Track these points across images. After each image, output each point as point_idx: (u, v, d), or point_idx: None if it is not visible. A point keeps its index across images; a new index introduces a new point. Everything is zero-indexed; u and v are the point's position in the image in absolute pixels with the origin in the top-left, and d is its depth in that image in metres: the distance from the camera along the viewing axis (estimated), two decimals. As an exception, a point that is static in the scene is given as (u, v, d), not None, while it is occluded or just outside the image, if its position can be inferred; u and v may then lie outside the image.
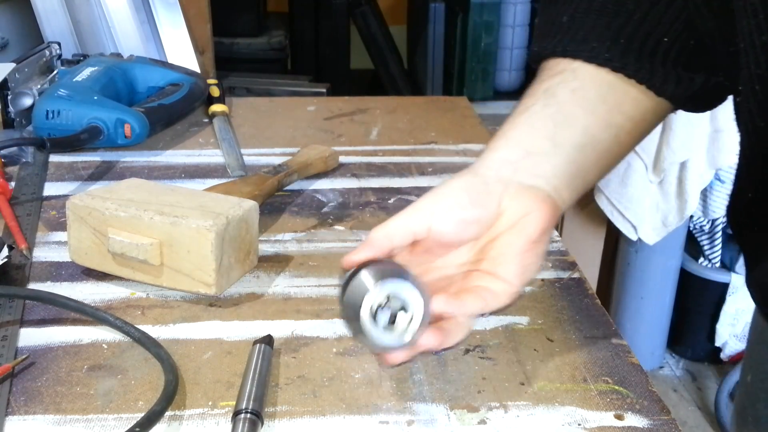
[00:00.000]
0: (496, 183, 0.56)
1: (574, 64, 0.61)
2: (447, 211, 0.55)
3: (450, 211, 0.55)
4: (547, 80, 0.61)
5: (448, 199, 0.55)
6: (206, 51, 1.44)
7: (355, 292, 0.50)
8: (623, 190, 1.72)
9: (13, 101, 1.03)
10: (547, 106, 0.59)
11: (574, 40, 0.61)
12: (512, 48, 2.67)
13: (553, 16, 0.64)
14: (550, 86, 0.60)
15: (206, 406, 0.57)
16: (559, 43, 0.62)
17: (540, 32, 0.65)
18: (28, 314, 0.67)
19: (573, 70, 0.61)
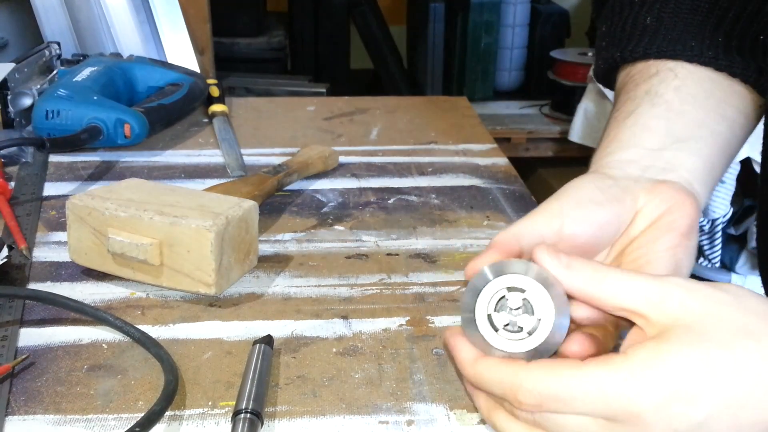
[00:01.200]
0: (626, 180, 0.51)
1: (669, 64, 0.58)
2: (580, 211, 0.48)
3: (584, 210, 0.49)
4: (643, 83, 0.58)
5: (580, 197, 0.49)
6: (206, 51, 1.44)
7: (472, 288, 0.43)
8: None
9: (12, 101, 1.03)
10: (655, 105, 0.56)
11: (668, 40, 0.58)
12: (512, 48, 2.67)
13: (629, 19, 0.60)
14: (650, 87, 0.57)
15: (206, 406, 0.57)
16: (651, 45, 0.58)
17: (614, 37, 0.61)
18: (28, 314, 0.67)
19: (670, 69, 0.58)
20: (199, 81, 1.13)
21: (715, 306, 0.39)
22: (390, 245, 0.79)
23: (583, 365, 0.39)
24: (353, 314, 0.68)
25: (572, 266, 0.42)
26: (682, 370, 0.38)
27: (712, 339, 0.38)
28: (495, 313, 0.42)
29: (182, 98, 1.08)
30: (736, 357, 0.38)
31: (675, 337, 0.38)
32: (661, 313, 0.39)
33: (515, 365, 0.41)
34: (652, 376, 0.38)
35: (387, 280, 0.73)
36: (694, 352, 0.38)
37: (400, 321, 0.67)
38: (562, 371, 0.39)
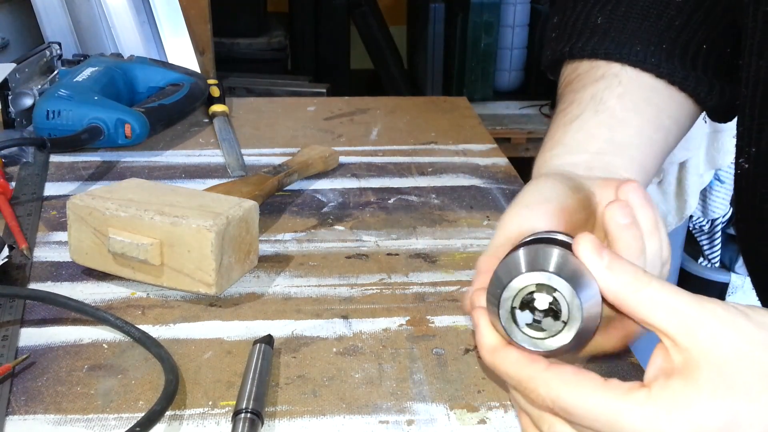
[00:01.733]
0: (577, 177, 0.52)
1: (614, 68, 0.59)
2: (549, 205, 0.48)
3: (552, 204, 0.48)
4: (589, 86, 0.59)
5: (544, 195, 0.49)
6: (206, 51, 1.44)
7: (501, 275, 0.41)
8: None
9: (13, 101, 1.03)
10: (598, 112, 0.57)
11: (616, 43, 0.59)
12: (512, 48, 2.67)
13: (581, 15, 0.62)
14: (596, 92, 0.58)
15: (206, 405, 0.57)
16: (599, 45, 0.60)
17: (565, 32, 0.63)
18: (29, 314, 0.67)
19: (615, 75, 0.59)
20: (200, 81, 1.13)
21: (749, 347, 0.37)
22: (390, 245, 0.79)
23: (603, 387, 0.38)
24: (353, 314, 0.68)
25: (613, 267, 0.40)
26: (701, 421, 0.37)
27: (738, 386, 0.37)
28: (519, 310, 0.40)
29: (183, 98, 1.08)
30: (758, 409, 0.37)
31: (702, 379, 0.37)
32: (692, 342, 0.38)
33: (534, 366, 0.40)
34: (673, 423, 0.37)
35: (387, 280, 0.73)
36: (717, 401, 0.37)
37: (401, 321, 0.67)
38: (581, 388, 0.38)
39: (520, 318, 0.40)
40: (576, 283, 0.39)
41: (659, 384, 0.38)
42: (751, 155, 0.57)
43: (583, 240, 0.40)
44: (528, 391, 0.40)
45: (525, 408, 0.43)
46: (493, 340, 0.42)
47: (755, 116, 0.56)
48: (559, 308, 0.40)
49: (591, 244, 0.40)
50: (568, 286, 0.39)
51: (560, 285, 0.39)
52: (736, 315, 0.38)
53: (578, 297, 0.39)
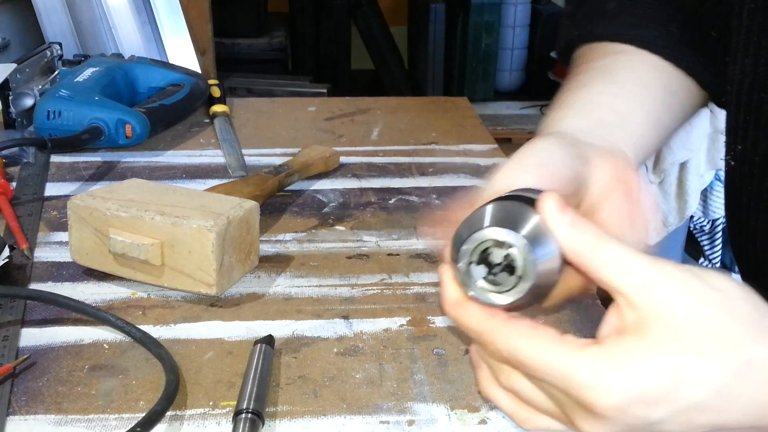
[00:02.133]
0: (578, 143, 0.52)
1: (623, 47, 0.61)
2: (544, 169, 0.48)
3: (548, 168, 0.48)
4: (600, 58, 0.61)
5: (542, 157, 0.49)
6: (207, 51, 1.44)
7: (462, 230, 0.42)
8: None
9: (14, 101, 1.03)
10: (607, 83, 0.58)
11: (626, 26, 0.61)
12: (513, 48, 2.67)
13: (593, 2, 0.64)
14: (607, 64, 0.60)
15: (207, 406, 0.57)
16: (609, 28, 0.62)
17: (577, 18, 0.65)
18: (30, 314, 0.67)
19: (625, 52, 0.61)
20: (201, 81, 1.13)
21: (700, 307, 0.38)
22: (391, 245, 0.79)
23: (557, 342, 0.39)
24: (354, 314, 0.68)
25: (576, 225, 0.40)
26: (651, 376, 0.38)
27: (688, 344, 0.38)
28: (475, 264, 0.41)
29: (183, 99, 1.08)
30: (706, 366, 0.38)
31: (653, 335, 0.38)
32: (646, 300, 0.39)
33: (493, 320, 0.41)
34: (620, 378, 0.38)
35: (388, 280, 0.73)
36: (667, 358, 0.38)
37: (401, 321, 0.67)
38: (537, 342, 0.40)
39: (475, 272, 0.41)
40: (533, 239, 0.40)
41: (611, 340, 0.39)
42: (737, 152, 0.58)
43: (548, 197, 0.41)
44: (487, 343, 0.41)
45: (485, 359, 0.44)
46: (455, 294, 0.43)
47: (741, 114, 0.56)
48: (514, 264, 0.40)
49: (555, 201, 0.41)
50: (523, 242, 0.40)
51: (516, 241, 0.40)
52: (690, 276, 0.39)
53: (533, 253, 0.39)
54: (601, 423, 0.39)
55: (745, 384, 0.38)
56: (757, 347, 0.38)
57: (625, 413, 0.38)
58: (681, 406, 0.38)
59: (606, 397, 0.38)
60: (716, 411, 0.39)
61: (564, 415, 0.41)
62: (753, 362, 0.38)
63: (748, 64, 0.54)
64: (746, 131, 0.56)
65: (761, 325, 0.39)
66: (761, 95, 0.54)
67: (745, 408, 0.39)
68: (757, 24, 0.53)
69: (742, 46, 0.55)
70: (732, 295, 0.39)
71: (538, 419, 0.43)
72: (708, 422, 0.39)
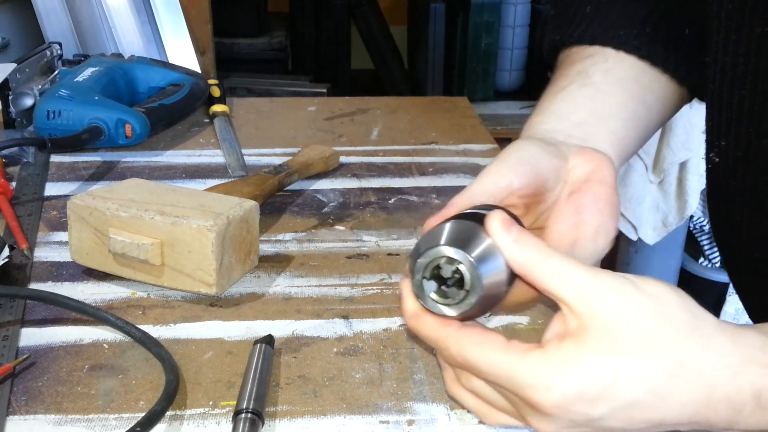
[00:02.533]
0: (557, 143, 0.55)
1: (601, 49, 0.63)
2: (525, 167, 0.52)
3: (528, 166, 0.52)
4: (578, 63, 0.62)
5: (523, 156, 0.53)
6: (207, 51, 1.44)
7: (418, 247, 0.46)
8: (623, 190, 1.72)
9: (14, 101, 1.03)
10: (584, 85, 0.60)
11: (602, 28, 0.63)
12: (512, 48, 2.67)
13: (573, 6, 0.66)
14: (584, 68, 0.62)
15: (207, 405, 0.57)
16: (586, 31, 0.64)
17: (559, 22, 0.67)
18: (29, 314, 0.67)
19: (603, 54, 0.62)
20: (200, 81, 1.13)
21: (635, 312, 0.41)
22: (391, 245, 0.79)
23: (504, 347, 0.43)
24: (354, 314, 0.68)
25: (519, 241, 0.44)
26: (588, 376, 0.41)
27: (623, 346, 0.41)
28: (425, 280, 0.45)
29: (183, 98, 1.08)
30: (640, 366, 0.41)
31: (591, 339, 0.41)
32: (586, 308, 0.42)
33: (447, 329, 0.45)
34: (560, 378, 0.41)
35: (388, 280, 0.73)
36: (603, 359, 0.41)
37: (401, 321, 0.67)
38: (486, 347, 0.43)
39: (426, 286, 0.45)
40: (481, 256, 0.43)
41: (552, 345, 0.42)
42: (720, 149, 0.59)
43: (494, 216, 0.45)
44: (442, 350, 0.46)
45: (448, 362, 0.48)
46: (413, 307, 0.47)
47: (723, 110, 0.58)
48: (462, 279, 0.44)
49: (500, 220, 0.44)
50: (469, 259, 0.43)
51: (463, 258, 0.43)
52: (626, 284, 0.42)
53: (479, 269, 0.43)
54: (548, 420, 0.43)
55: (679, 383, 0.41)
56: (689, 349, 0.41)
57: (568, 410, 0.42)
58: (619, 404, 0.41)
59: (548, 396, 0.41)
60: (654, 408, 0.42)
61: (518, 413, 0.45)
62: (686, 363, 0.41)
63: (728, 62, 0.56)
64: (729, 128, 0.58)
65: (694, 328, 0.42)
66: (742, 92, 0.55)
67: (681, 405, 0.42)
68: (735, 24, 0.54)
69: (721, 46, 0.56)
70: (666, 301, 0.42)
71: (498, 416, 0.47)
72: (647, 419, 0.42)
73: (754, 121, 0.55)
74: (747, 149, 0.57)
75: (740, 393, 0.42)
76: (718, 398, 0.42)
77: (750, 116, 0.55)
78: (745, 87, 0.55)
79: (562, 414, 0.42)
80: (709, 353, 0.42)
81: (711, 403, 0.42)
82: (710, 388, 0.42)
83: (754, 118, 0.55)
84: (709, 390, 0.42)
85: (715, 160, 0.61)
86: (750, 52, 0.54)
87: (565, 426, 0.43)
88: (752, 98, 0.55)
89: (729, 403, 0.42)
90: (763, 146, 0.55)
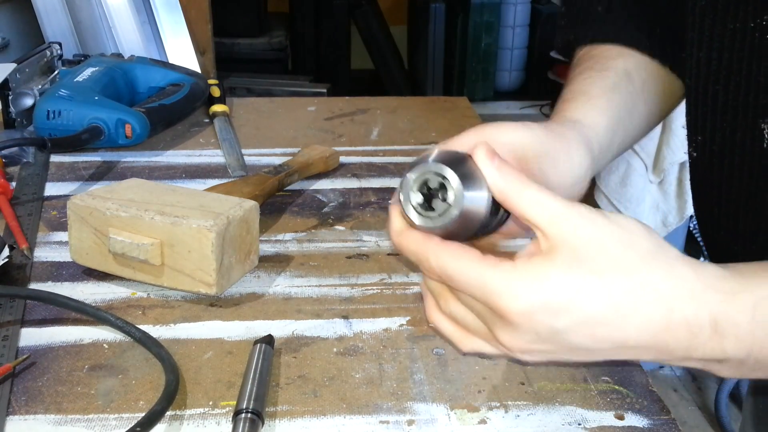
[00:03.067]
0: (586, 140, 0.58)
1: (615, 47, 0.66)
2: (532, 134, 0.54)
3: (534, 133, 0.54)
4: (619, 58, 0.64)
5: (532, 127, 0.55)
6: (207, 51, 1.44)
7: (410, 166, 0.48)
8: (623, 190, 1.72)
9: (14, 101, 1.03)
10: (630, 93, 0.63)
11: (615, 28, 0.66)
12: (512, 48, 2.67)
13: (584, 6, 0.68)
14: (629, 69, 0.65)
15: (207, 405, 0.57)
16: (600, 31, 0.66)
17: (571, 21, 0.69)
18: (29, 314, 0.67)
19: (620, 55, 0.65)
20: (200, 81, 1.13)
21: (603, 237, 0.44)
22: (391, 245, 0.79)
23: (478, 258, 0.46)
24: (354, 314, 0.68)
25: (501, 169, 0.46)
26: (553, 288, 0.43)
27: (588, 265, 0.44)
28: (412, 192, 0.47)
29: (183, 98, 1.08)
30: (603, 284, 0.43)
31: (559, 257, 0.44)
32: (557, 231, 0.44)
33: (428, 242, 0.47)
34: (527, 287, 0.44)
35: (388, 280, 0.73)
36: (568, 275, 0.44)
37: (401, 321, 0.67)
38: (462, 259, 0.46)
39: (413, 197, 0.47)
40: (465, 176, 0.46)
41: (523, 260, 0.45)
42: (698, 144, 0.61)
43: (480, 147, 0.47)
44: (422, 262, 0.48)
45: (429, 287, 0.50)
46: (399, 225, 0.49)
47: (699, 105, 0.59)
48: (446, 193, 0.46)
49: (485, 150, 0.47)
50: (453, 174, 0.46)
51: (448, 174, 0.46)
52: (597, 214, 0.45)
53: (461, 183, 0.46)
54: (516, 332, 0.45)
55: (639, 302, 0.44)
56: (651, 273, 0.44)
57: (532, 320, 0.44)
58: (581, 317, 0.44)
59: (514, 303, 0.44)
60: (614, 326, 0.44)
61: (490, 333, 0.47)
62: (646, 284, 0.44)
63: (702, 58, 0.57)
64: (705, 122, 0.59)
65: (656, 255, 0.45)
66: (716, 87, 0.57)
67: (641, 325, 0.44)
68: (708, 20, 0.56)
69: (696, 41, 0.58)
70: (632, 230, 0.45)
71: (472, 341, 0.49)
72: (609, 337, 0.44)
73: (728, 116, 0.57)
74: (722, 143, 0.58)
75: (698, 317, 0.44)
76: (677, 321, 0.44)
77: (724, 111, 0.57)
78: (719, 82, 0.57)
79: (528, 323, 0.44)
80: (670, 278, 0.44)
81: (670, 325, 0.44)
82: (669, 311, 0.44)
83: (728, 112, 0.57)
84: (668, 312, 0.44)
85: (694, 155, 0.62)
86: (723, 47, 0.55)
87: (531, 340, 0.45)
88: (726, 93, 0.56)
89: (687, 327, 0.44)
90: (737, 140, 0.57)
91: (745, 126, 0.56)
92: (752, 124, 0.55)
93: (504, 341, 0.46)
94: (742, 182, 0.58)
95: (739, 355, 0.44)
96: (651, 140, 1.67)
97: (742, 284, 0.44)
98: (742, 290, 0.44)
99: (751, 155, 0.56)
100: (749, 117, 0.55)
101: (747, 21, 0.53)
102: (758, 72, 0.54)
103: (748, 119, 0.55)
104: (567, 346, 0.45)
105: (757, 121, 0.55)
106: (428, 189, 0.47)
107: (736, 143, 0.57)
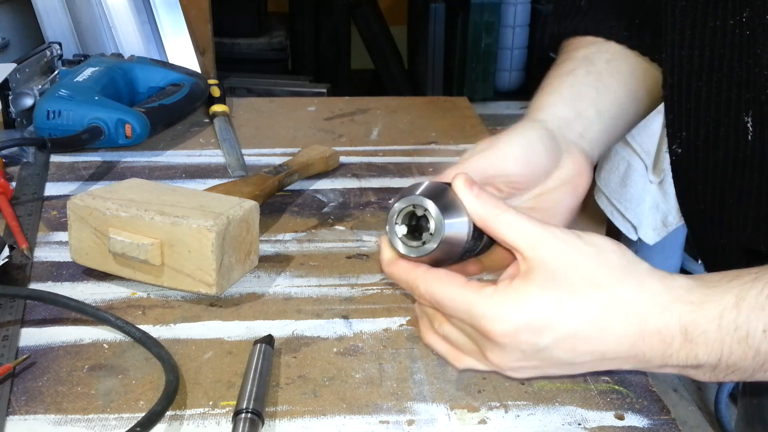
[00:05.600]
0: (560, 138, 0.60)
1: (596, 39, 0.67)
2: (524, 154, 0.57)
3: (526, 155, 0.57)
4: (582, 48, 0.67)
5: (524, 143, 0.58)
6: (207, 51, 1.44)
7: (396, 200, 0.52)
8: (623, 190, 1.72)
9: (14, 101, 1.03)
10: (589, 73, 0.65)
11: (594, 20, 0.68)
12: (512, 48, 2.67)
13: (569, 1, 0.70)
14: (588, 54, 0.66)
15: (207, 405, 0.57)
16: (581, 23, 0.68)
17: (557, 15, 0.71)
18: (29, 314, 0.67)
19: (604, 43, 0.67)
20: (200, 81, 1.13)
21: (577, 257, 0.47)
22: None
23: (463, 284, 0.49)
24: (354, 314, 0.68)
25: (480, 197, 0.49)
26: (533, 308, 0.46)
27: (564, 285, 0.47)
28: (398, 225, 0.51)
29: (183, 98, 1.08)
30: (579, 301, 0.46)
31: (537, 278, 0.47)
32: (534, 253, 0.47)
33: (416, 270, 0.50)
34: (509, 310, 0.47)
35: (388, 280, 0.73)
36: (547, 294, 0.46)
37: (401, 321, 0.67)
38: (448, 285, 0.49)
39: (398, 229, 0.51)
40: (445, 206, 0.49)
41: (504, 283, 0.48)
42: (682, 140, 0.62)
43: (459, 177, 0.51)
44: (413, 289, 0.51)
45: (423, 309, 0.53)
46: (388, 255, 0.52)
47: (682, 102, 0.60)
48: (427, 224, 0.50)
49: (464, 180, 0.50)
50: (433, 205, 0.49)
51: (428, 205, 0.49)
52: (571, 235, 0.48)
53: (442, 214, 0.49)
54: (502, 351, 0.48)
55: (613, 316, 0.46)
56: (623, 288, 0.47)
57: (517, 340, 0.47)
58: (562, 334, 0.47)
59: (498, 325, 0.47)
60: (593, 340, 0.47)
61: (480, 353, 0.50)
62: (619, 299, 0.46)
63: (684, 56, 0.59)
64: (689, 118, 0.60)
65: (627, 271, 0.47)
66: (699, 84, 0.58)
67: (618, 337, 0.47)
68: (689, 20, 0.58)
69: (677, 40, 0.59)
70: (604, 248, 0.48)
71: (465, 360, 0.52)
72: (589, 350, 0.47)
73: (712, 111, 0.58)
74: (706, 138, 0.59)
75: (668, 327, 0.46)
76: (650, 331, 0.46)
77: (708, 106, 0.58)
78: (702, 78, 0.58)
79: (513, 343, 0.47)
80: (641, 292, 0.47)
81: (644, 336, 0.46)
82: (642, 323, 0.46)
83: (711, 108, 0.58)
84: (641, 324, 0.46)
85: (677, 151, 0.63)
86: (704, 45, 0.57)
87: (517, 358, 0.48)
88: (709, 89, 0.58)
89: (660, 337, 0.46)
90: (721, 135, 0.58)
91: (728, 121, 0.57)
92: (736, 119, 0.57)
93: (493, 360, 0.49)
94: (726, 176, 0.59)
95: (711, 360, 0.46)
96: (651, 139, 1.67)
97: (708, 295, 0.46)
98: (707, 300, 0.46)
99: (735, 149, 0.58)
100: (732, 112, 0.57)
101: (726, 19, 0.55)
102: (740, 68, 0.55)
103: (732, 114, 0.57)
104: (551, 362, 0.48)
105: (741, 116, 0.56)
106: (416, 219, 0.50)
107: (720, 137, 0.58)
